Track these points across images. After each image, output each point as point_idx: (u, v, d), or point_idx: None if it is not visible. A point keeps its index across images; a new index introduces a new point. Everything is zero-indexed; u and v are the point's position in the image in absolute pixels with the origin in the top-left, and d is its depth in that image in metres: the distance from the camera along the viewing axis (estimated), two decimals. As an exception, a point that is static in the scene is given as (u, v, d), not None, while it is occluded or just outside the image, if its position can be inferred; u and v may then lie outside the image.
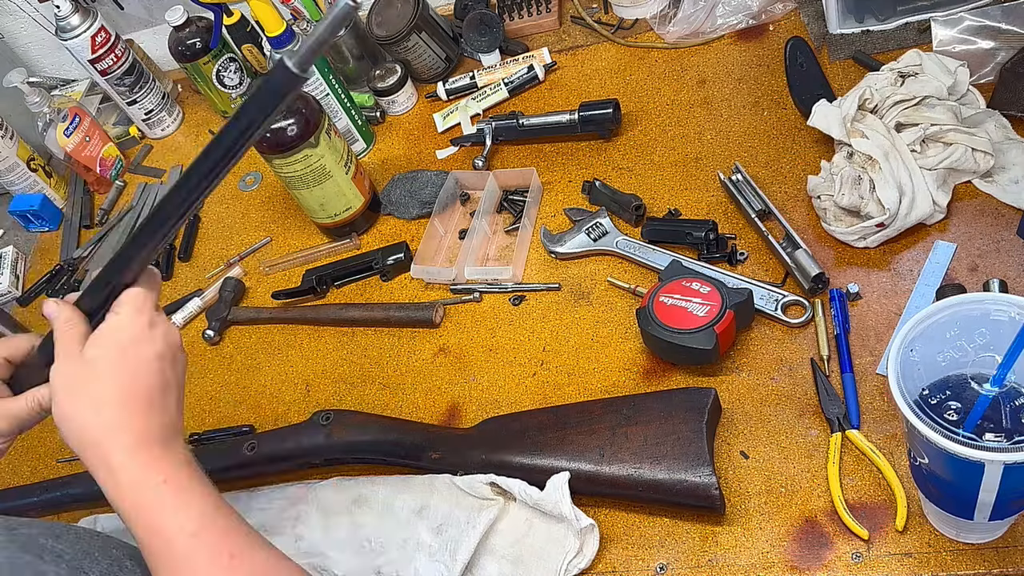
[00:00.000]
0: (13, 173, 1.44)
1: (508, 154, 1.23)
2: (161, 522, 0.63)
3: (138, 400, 0.67)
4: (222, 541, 0.63)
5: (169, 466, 0.65)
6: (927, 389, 0.66)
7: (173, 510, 0.63)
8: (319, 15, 1.30)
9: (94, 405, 0.66)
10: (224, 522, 0.65)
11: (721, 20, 1.22)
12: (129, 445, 0.65)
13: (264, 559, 0.65)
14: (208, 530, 0.63)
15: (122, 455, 0.64)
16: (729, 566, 0.80)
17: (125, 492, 0.64)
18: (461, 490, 0.88)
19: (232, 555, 0.63)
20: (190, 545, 0.62)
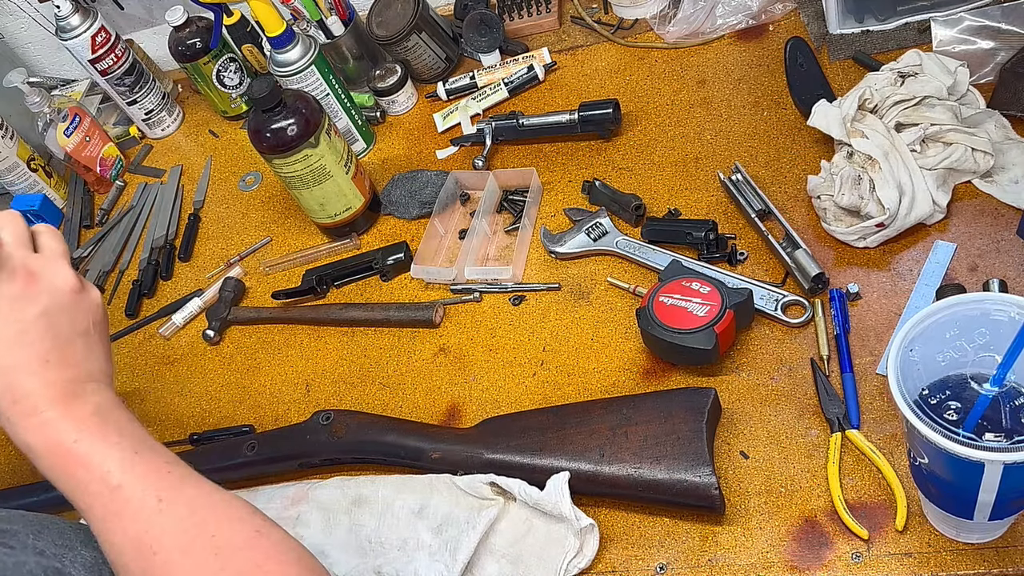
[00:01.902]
0: (13, 173, 1.44)
1: (508, 154, 1.23)
2: (81, 481, 0.61)
3: (32, 359, 0.64)
4: (146, 485, 0.62)
5: (80, 417, 0.63)
6: (927, 389, 0.66)
7: (87, 468, 0.62)
8: (318, 15, 1.30)
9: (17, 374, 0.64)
10: (144, 467, 0.62)
11: (721, 20, 1.22)
12: (36, 404, 0.63)
13: (195, 494, 0.63)
14: (129, 476, 0.61)
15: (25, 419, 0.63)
16: (729, 566, 0.80)
17: (39, 455, 0.63)
18: (461, 490, 0.88)
19: (160, 498, 0.61)
20: (115, 498, 0.61)
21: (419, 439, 0.94)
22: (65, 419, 0.63)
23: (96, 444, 0.62)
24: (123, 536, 0.60)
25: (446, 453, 0.92)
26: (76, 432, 0.62)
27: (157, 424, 1.14)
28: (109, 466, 0.61)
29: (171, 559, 0.59)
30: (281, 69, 1.21)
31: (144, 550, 0.59)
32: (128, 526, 0.60)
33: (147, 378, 1.20)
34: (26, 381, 0.63)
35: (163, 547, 0.59)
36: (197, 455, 1.04)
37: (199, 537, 0.60)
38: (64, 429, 0.62)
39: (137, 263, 1.35)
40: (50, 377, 0.64)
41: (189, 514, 0.61)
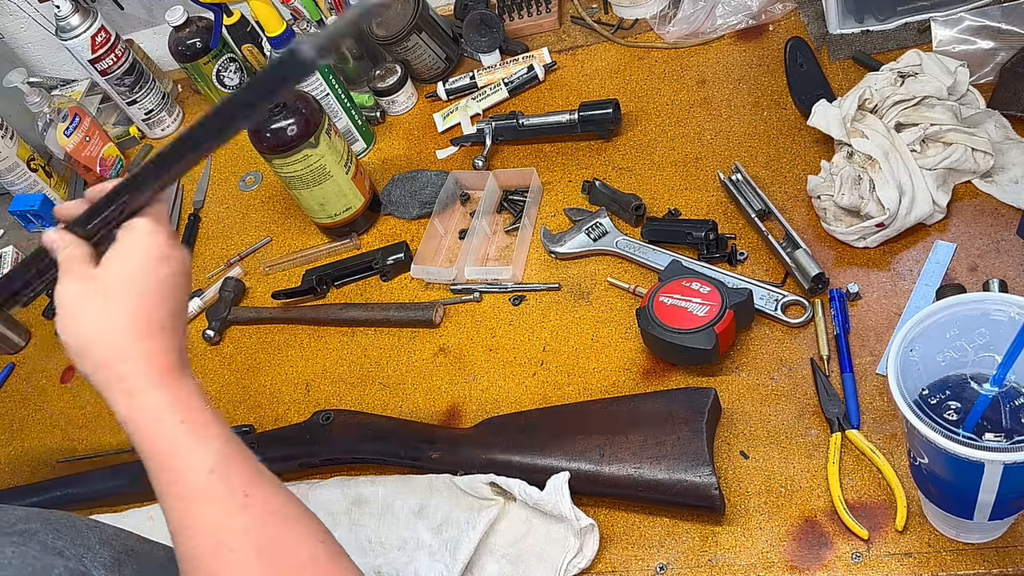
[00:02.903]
0: (13, 173, 1.44)
1: (508, 154, 1.23)
2: (177, 456, 0.60)
3: (152, 323, 0.64)
4: (238, 478, 0.61)
5: (186, 397, 0.62)
6: (927, 389, 0.66)
7: (191, 446, 0.61)
8: (319, 15, 1.30)
9: (106, 324, 0.63)
10: (240, 460, 0.62)
11: (721, 20, 1.22)
12: (144, 370, 0.62)
13: (278, 499, 0.62)
14: (224, 466, 0.61)
15: (136, 380, 0.62)
16: (729, 566, 0.80)
17: (138, 418, 0.61)
18: (461, 490, 0.88)
19: (247, 493, 0.60)
20: (207, 481, 0.60)
21: (419, 439, 0.94)
22: (172, 398, 0.62)
23: (198, 428, 0.61)
24: (201, 524, 0.59)
25: (446, 453, 0.92)
26: (182, 413, 0.61)
27: (157, 424, 1.14)
28: (208, 452, 0.61)
29: (246, 559, 0.58)
30: (281, 69, 1.21)
31: (220, 543, 0.59)
32: (209, 515, 0.59)
33: (147, 378, 1.19)
34: (140, 344, 0.63)
35: (240, 545, 0.59)
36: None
37: (276, 543, 0.59)
38: (169, 407, 0.61)
39: (137, 263, 1.35)
40: (165, 344, 0.64)
41: (270, 517, 0.60)
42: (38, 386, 1.26)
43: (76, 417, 1.20)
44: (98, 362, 0.62)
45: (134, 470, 1.05)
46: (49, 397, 1.24)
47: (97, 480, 1.06)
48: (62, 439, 1.18)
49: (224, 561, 0.58)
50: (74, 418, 1.20)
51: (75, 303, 0.64)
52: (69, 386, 1.24)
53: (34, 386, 1.27)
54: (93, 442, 1.16)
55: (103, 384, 0.63)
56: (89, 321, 0.63)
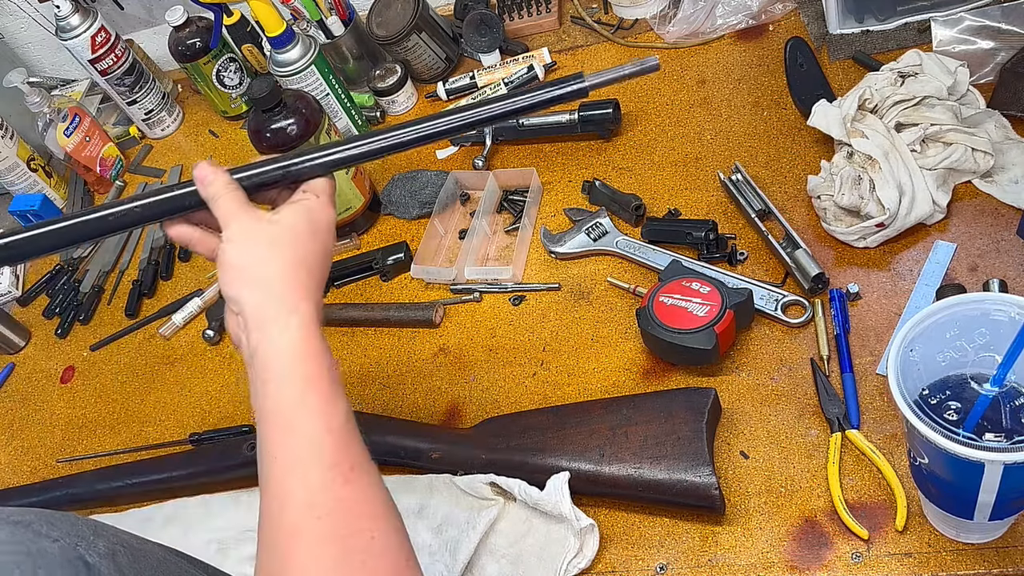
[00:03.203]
0: (13, 173, 1.44)
1: (508, 154, 1.23)
2: (303, 407, 0.61)
3: (314, 280, 0.66)
4: (348, 450, 0.61)
5: (325, 358, 0.63)
6: (927, 389, 0.66)
7: (316, 404, 0.61)
8: (318, 15, 1.30)
9: (276, 265, 0.65)
10: (354, 433, 0.63)
11: (721, 20, 1.22)
12: (298, 323, 0.63)
13: (373, 479, 0.62)
14: (339, 434, 0.61)
15: (284, 325, 0.63)
16: (729, 566, 0.80)
17: (272, 366, 0.62)
18: (461, 490, 0.88)
19: (353, 467, 0.60)
20: (321, 441, 0.60)
21: (419, 439, 0.94)
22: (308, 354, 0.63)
23: (328, 389, 0.62)
24: (300, 485, 0.59)
25: (446, 453, 0.92)
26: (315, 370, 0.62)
27: (157, 424, 1.14)
28: (329, 416, 0.61)
29: (327, 535, 0.58)
30: (281, 69, 1.21)
31: (310, 511, 0.58)
32: (312, 476, 0.59)
33: (147, 378, 1.20)
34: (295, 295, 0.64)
35: (332, 519, 0.58)
36: (197, 455, 1.04)
37: (360, 532, 0.59)
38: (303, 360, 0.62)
39: (137, 263, 1.35)
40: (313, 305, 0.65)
41: (364, 502, 0.60)
42: (38, 386, 1.26)
43: (76, 417, 1.20)
44: (254, 298, 0.64)
45: (134, 470, 1.06)
46: (49, 397, 1.24)
47: (97, 480, 1.06)
48: (62, 439, 1.18)
49: (311, 525, 0.58)
50: (74, 418, 1.20)
51: (251, 234, 0.67)
52: (69, 386, 1.24)
53: (34, 386, 1.27)
54: (93, 442, 1.16)
55: (250, 313, 0.64)
56: (259, 254, 0.66)
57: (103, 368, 1.24)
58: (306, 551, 0.57)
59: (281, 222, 0.68)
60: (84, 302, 1.32)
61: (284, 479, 0.60)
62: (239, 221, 0.68)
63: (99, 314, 1.32)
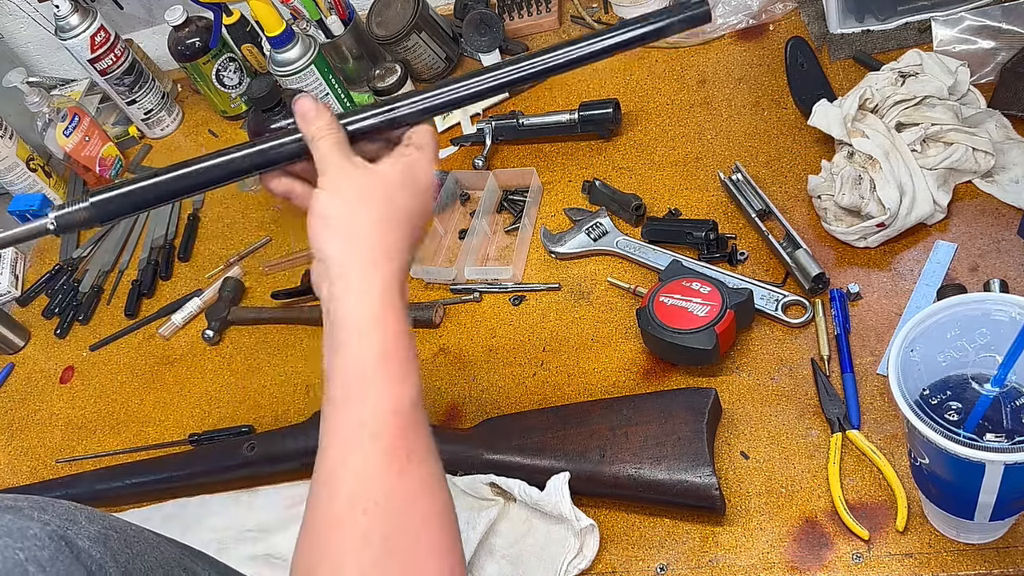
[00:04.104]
0: (12, 173, 1.44)
1: (508, 154, 1.23)
2: (367, 382, 0.58)
3: (404, 240, 0.63)
4: (409, 436, 0.57)
5: (403, 327, 0.60)
6: (927, 389, 0.66)
7: (386, 379, 0.58)
8: (318, 14, 1.30)
9: (366, 218, 0.62)
10: (421, 418, 0.59)
11: (721, 20, 1.22)
12: (380, 283, 0.60)
13: (432, 473, 0.58)
14: (404, 417, 0.57)
15: (368, 286, 0.59)
16: (729, 566, 0.80)
17: (347, 326, 0.59)
18: (461, 490, 0.88)
19: (411, 456, 0.56)
20: (384, 421, 0.56)
21: (419, 439, 0.93)
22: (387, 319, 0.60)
23: (400, 363, 0.59)
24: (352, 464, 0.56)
25: (446, 453, 0.91)
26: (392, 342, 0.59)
27: (157, 424, 1.14)
28: (396, 392, 0.58)
29: (374, 527, 0.54)
30: (281, 69, 1.21)
31: (358, 500, 0.55)
32: (367, 458, 0.56)
33: (147, 378, 1.19)
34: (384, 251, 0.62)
35: (378, 512, 0.55)
36: (197, 455, 1.04)
37: (407, 527, 0.55)
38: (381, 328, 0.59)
39: (137, 263, 1.35)
40: (400, 266, 0.63)
41: (415, 497, 0.57)
42: (38, 386, 1.26)
43: (75, 417, 1.20)
44: (343, 243, 0.62)
45: (133, 470, 1.06)
46: (49, 397, 1.24)
47: (96, 480, 1.06)
48: (61, 439, 1.18)
49: (354, 518, 0.55)
50: (73, 418, 1.20)
51: (345, 183, 0.64)
52: (68, 386, 1.24)
53: (33, 386, 1.26)
54: (92, 442, 1.16)
55: (331, 265, 0.61)
56: (349, 204, 0.63)
57: (103, 368, 1.24)
58: (345, 545, 0.54)
59: (378, 173, 0.65)
60: (84, 302, 1.32)
61: (339, 454, 0.57)
62: (336, 168, 0.64)
63: (99, 314, 1.31)
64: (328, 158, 0.65)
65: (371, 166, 0.66)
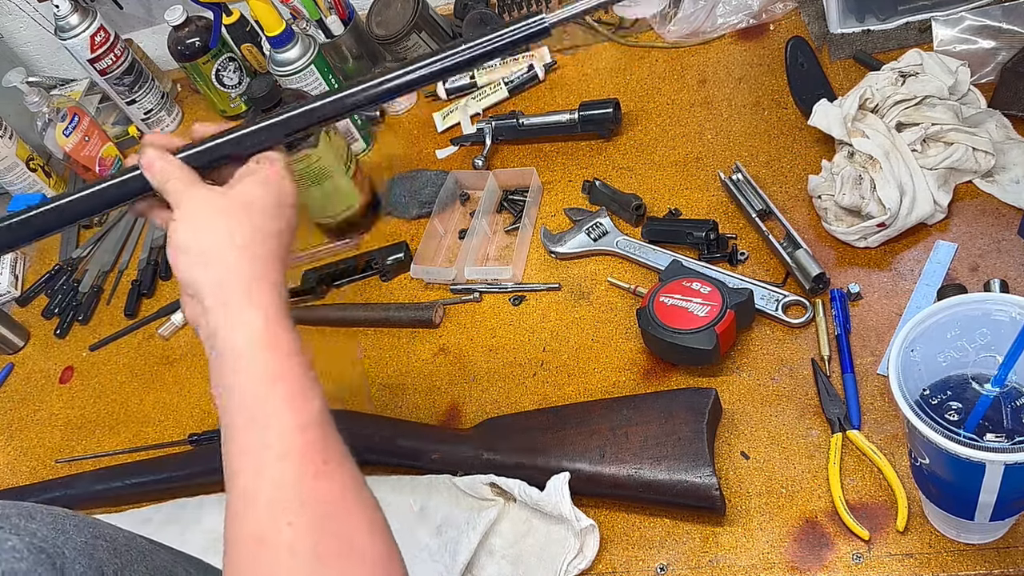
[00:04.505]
0: (12, 173, 1.44)
1: (508, 154, 1.23)
2: (266, 405, 0.57)
3: (275, 258, 0.63)
4: (322, 444, 0.57)
5: (293, 342, 0.60)
6: (928, 389, 0.66)
7: (286, 398, 0.57)
8: (318, 14, 1.29)
9: (233, 241, 0.61)
10: (328, 425, 0.59)
11: (721, 19, 1.22)
12: (260, 305, 0.59)
13: (352, 476, 0.58)
14: (311, 431, 0.57)
15: (241, 304, 0.59)
16: (729, 566, 0.79)
17: (235, 354, 0.58)
18: (461, 491, 0.88)
19: (327, 461, 0.56)
20: (292, 437, 0.56)
21: (419, 439, 0.93)
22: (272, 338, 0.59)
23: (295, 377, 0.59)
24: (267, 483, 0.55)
25: (446, 454, 0.92)
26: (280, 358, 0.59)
27: (157, 424, 1.14)
28: (300, 408, 0.57)
29: (300, 538, 0.53)
30: (280, 68, 1.21)
31: (280, 513, 0.54)
32: (282, 473, 0.55)
33: (147, 378, 1.19)
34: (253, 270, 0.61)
35: (303, 521, 0.54)
36: (197, 455, 1.04)
37: (337, 524, 0.55)
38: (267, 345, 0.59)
39: (136, 263, 1.35)
40: (274, 281, 0.62)
41: (337, 499, 0.56)
42: (37, 386, 1.26)
43: (75, 417, 1.20)
44: (208, 271, 0.61)
45: (133, 471, 1.06)
46: (48, 397, 1.24)
47: (96, 481, 1.06)
48: (61, 439, 1.18)
49: (278, 532, 0.54)
50: (73, 418, 1.20)
51: (202, 210, 0.63)
52: (68, 386, 1.24)
53: (33, 386, 1.26)
54: (92, 442, 1.16)
55: (207, 295, 0.61)
56: (212, 230, 0.62)
57: (102, 368, 1.24)
58: (273, 562, 0.53)
59: (234, 195, 0.64)
60: (83, 302, 1.32)
61: (252, 477, 0.56)
62: (189, 199, 0.64)
63: (98, 314, 1.31)
64: (178, 194, 0.65)
65: (223, 190, 0.65)
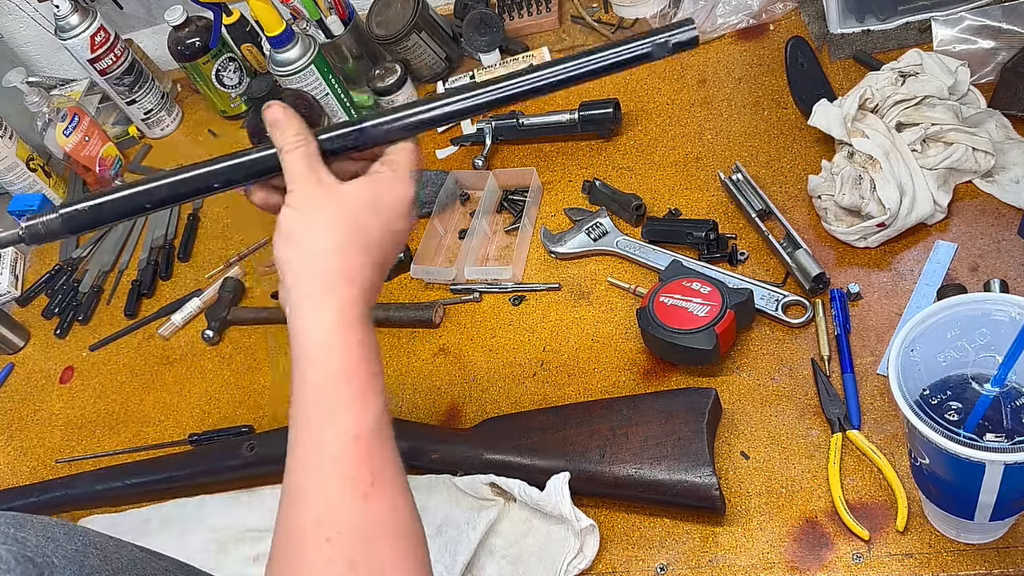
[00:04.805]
0: (12, 173, 1.44)
1: (508, 154, 1.23)
2: (324, 408, 0.57)
3: (368, 262, 0.62)
4: (373, 460, 0.56)
5: (363, 350, 0.59)
6: (928, 389, 0.66)
7: (344, 405, 0.57)
8: (318, 14, 1.29)
9: (327, 239, 0.61)
10: (384, 440, 0.58)
11: (721, 20, 1.22)
12: (336, 307, 0.59)
13: (400, 497, 0.57)
14: (365, 441, 0.56)
15: (323, 309, 0.59)
16: (729, 566, 0.79)
17: (303, 348, 0.59)
18: (461, 491, 0.88)
19: (375, 482, 0.56)
20: (345, 448, 0.56)
21: (419, 439, 0.93)
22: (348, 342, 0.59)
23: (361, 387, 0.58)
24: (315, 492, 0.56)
25: (446, 454, 0.92)
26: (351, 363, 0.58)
27: (157, 424, 1.14)
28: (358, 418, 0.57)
29: (338, 554, 0.54)
30: (280, 68, 1.21)
31: (321, 528, 0.55)
32: (329, 486, 0.56)
33: (147, 378, 1.19)
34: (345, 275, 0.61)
35: (341, 539, 0.54)
36: (197, 455, 1.04)
37: (375, 554, 0.55)
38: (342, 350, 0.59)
39: (136, 263, 1.35)
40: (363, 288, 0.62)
41: (379, 522, 0.56)
42: (37, 386, 1.26)
43: (75, 417, 1.20)
44: (301, 263, 0.61)
45: (133, 471, 1.06)
46: (48, 397, 1.24)
47: (96, 481, 1.06)
48: (61, 439, 1.18)
49: (317, 547, 0.54)
50: (73, 418, 1.20)
51: (310, 200, 0.62)
52: (68, 386, 1.24)
53: (33, 386, 1.26)
54: (92, 442, 1.16)
55: (290, 285, 0.61)
56: (312, 223, 0.62)
57: (102, 368, 1.24)
58: (312, 566, 0.54)
59: (343, 192, 0.64)
60: (83, 302, 1.32)
61: (301, 483, 0.57)
62: (303, 183, 0.63)
63: (98, 314, 1.31)
64: (295, 172, 0.64)
65: (338, 185, 0.64)
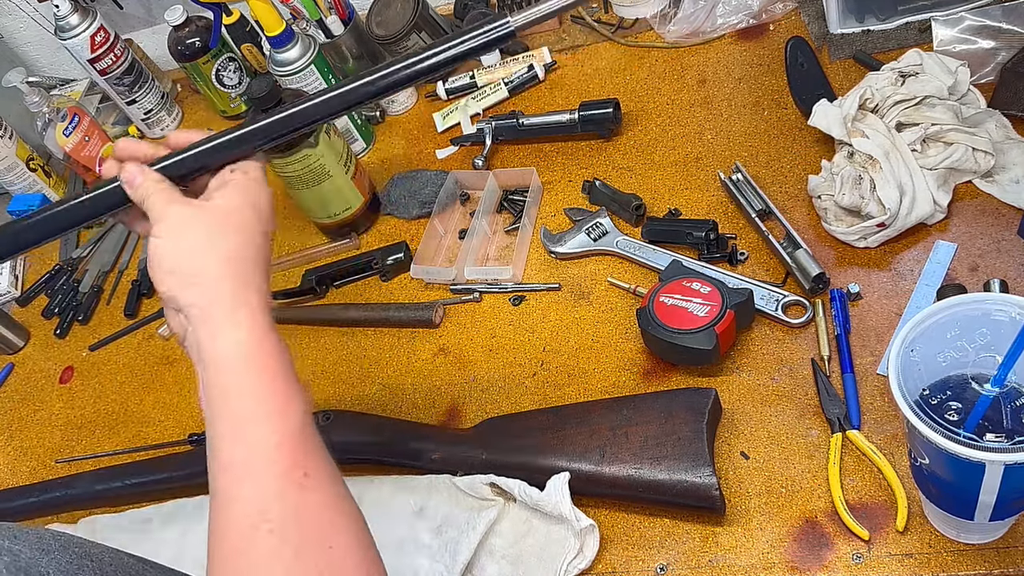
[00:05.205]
0: (12, 173, 1.44)
1: (508, 154, 1.23)
2: (247, 415, 0.58)
3: (258, 269, 0.63)
4: (305, 455, 0.57)
5: (279, 355, 0.60)
6: (927, 389, 0.66)
7: (270, 410, 0.58)
8: (318, 14, 1.30)
9: (215, 257, 0.61)
10: (311, 436, 0.59)
11: (721, 19, 1.22)
12: (246, 319, 0.60)
13: (335, 485, 0.59)
14: (295, 440, 0.57)
15: (235, 324, 0.59)
16: (729, 566, 0.79)
17: (220, 368, 0.59)
18: (461, 491, 0.88)
19: (308, 473, 0.57)
20: (276, 448, 0.57)
21: (419, 439, 0.93)
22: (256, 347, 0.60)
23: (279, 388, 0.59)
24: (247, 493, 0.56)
25: (446, 454, 0.92)
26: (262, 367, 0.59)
27: (157, 424, 1.14)
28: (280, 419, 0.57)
29: (281, 544, 0.54)
30: (280, 68, 1.21)
31: (260, 523, 0.55)
32: (264, 484, 0.56)
33: (147, 378, 1.19)
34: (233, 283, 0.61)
35: (283, 530, 0.55)
36: (197, 455, 1.04)
37: (318, 536, 0.55)
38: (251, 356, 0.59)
39: (136, 263, 1.35)
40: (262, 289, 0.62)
41: (319, 509, 0.57)
42: (37, 386, 1.26)
43: (75, 417, 1.20)
44: (191, 287, 0.61)
45: (133, 471, 1.06)
46: (48, 397, 1.24)
47: (96, 481, 1.06)
48: (61, 439, 1.18)
49: (258, 539, 0.54)
50: (73, 418, 1.20)
51: (183, 226, 0.63)
52: (68, 386, 1.24)
53: (33, 386, 1.26)
54: (92, 442, 1.16)
55: (193, 313, 0.61)
56: (193, 246, 0.62)
57: (102, 368, 1.24)
58: (254, 568, 0.54)
59: (214, 208, 0.64)
60: (83, 302, 1.32)
61: (233, 488, 0.57)
62: (169, 215, 0.64)
63: (98, 314, 1.31)
64: (159, 211, 0.64)
65: (200, 202, 0.65)
